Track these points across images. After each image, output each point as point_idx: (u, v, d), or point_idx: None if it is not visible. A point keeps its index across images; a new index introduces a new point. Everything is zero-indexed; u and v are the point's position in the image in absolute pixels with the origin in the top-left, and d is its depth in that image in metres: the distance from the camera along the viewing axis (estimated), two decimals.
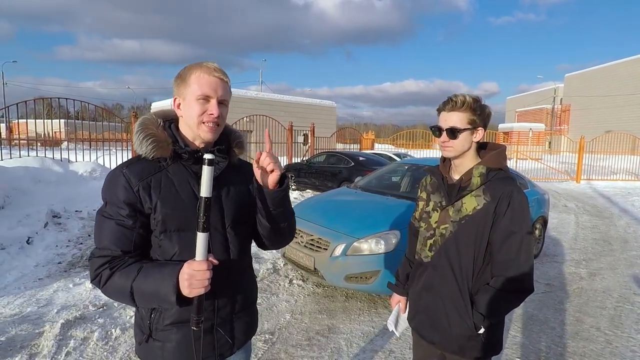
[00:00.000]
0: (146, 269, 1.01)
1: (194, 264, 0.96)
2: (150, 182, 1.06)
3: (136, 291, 0.99)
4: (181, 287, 0.96)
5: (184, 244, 1.07)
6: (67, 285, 3.63)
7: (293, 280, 4.00)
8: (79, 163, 7.17)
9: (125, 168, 1.07)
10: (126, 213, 1.04)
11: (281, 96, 19.83)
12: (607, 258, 5.13)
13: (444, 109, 1.37)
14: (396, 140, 19.30)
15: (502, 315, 1.40)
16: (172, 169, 1.10)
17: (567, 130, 31.01)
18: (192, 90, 1.06)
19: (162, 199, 1.06)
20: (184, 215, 1.07)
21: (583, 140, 14.93)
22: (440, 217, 1.43)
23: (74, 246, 4.78)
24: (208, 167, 0.95)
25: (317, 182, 9.90)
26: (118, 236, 1.03)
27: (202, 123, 1.08)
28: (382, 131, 73.17)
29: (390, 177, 5.41)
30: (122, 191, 1.04)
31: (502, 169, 1.38)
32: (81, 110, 7.12)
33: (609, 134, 17.74)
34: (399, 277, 1.67)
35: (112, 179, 1.07)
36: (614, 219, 7.91)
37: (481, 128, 1.36)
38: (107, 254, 1.03)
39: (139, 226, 1.05)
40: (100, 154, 8.83)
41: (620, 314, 3.41)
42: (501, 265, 1.32)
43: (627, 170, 15.27)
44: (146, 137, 1.08)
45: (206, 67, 1.08)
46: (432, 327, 1.46)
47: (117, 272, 1.01)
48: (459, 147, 1.36)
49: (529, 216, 1.35)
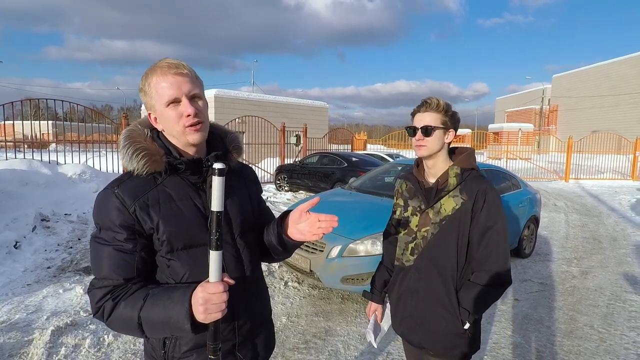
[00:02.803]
0: (153, 296, 0.92)
1: (208, 286, 0.86)
2: (147, 201, 0.97)
3: (145, 321, 0.90)
4: (195, 313, 0.86)
5: (194, 263, 0.99)
6: (56, 291, 3.55)
7: (288, 282, 3.97)
8: (68, 165, 7.03)
9: (117, 188, 0.97)
10: (124, 237, 0.95)
11: (273, 97, 19.76)
12: (598, 256, 5.21)
13: (419, 111, 1.45)
14: (388, 141, 19.41)
15: (486, 309, 1.46)
16: (169, 182, 1.01)
17: (555, 130, 31.51)
18: (156, 100, 0.97)
19: (164, 217, 0.97)
20: (190, 231, 0.99)
21: (571, 140, 15.18)
22: (420, 221, 1.47)
23: (63, 250, 4.68)
24: (218, 177, 0.84)
25: (310, 183, 9.88)
26: (118, 263, 0.94)
27: (185, 128, 0.98)
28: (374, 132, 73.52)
29: (384, 177, 5.41)
30: (116, 213, 0.95)
31: (474, 169, 1.46)
32: (70, 111, 6.95)
33: (596, 134, 18.07)
34: (376, 285, 1.68)
35: (103, 201, 0.97)
36: (602, 217, 8.05)
37: (452, 130, 1.44)
38: (108, 283, 0.94)
39: (140, 249, 0.97)
40: (90, 156, 8.67)
41: (613, 312, 3.46)
42: (480, 261, 1.39)
43: (613, 169, 15.60)
44: (136, 152, 0.98)
45: (159, 68, 0.97)
46: (420, 330, 1.47)
47: (122, 302, 0.92)
48: (433, 145, 1.41)
49: (503, 211, 1.42)
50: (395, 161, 6.42)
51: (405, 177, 1.61)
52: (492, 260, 1.37)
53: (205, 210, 1.02)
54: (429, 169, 1.50)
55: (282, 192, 10.42)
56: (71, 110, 7.91)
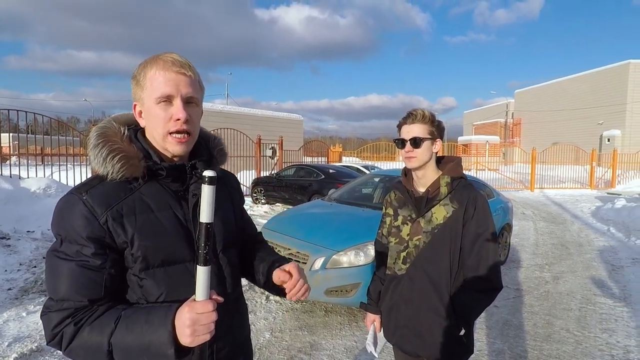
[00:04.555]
0: (127, 318, 0.79)
1: (196, 305, 0.75)
2: (121, 210, 0.84)
3: (117, 348, 0.77)
4: (180, 336, 0.75)
5: (171, 282, 0.88)
6: (19, 314, 3.29)
7: (270, 296, 3.88)
8: (31, 179, 6.63)
9: (85, 194, 0.83)
10: (91, 252, 0.81)
11: (248, 109, 19.65)
12: (567, 261, 5.45)
13: (406, 123, 1.45)
14: (362, 153, 19.69)
15: (479, 314, 1.48)
16: (146, 189, 0.89)
17: (519, 142, 33.07)
18: (148, 93, 0.86)
19: (140, 230, 0.85)
20: (169, 246, 0.88)
21: (535, 151, 15.98)
22: (412, 230, 1.48)
23: (26, 270, 4.37)
24: (209, 186, 0.75)
25: (287, 195, 9.81)
26: (82, 282, 0.80)
27: (169, 134, 0.87)
28: (348, 144, 74.35)
29: (363, 189, 5.46)
30: (84, 224, 0.81)
31: (463, 177, 1.49)
32: (33, 123, 6.52)
33: (556, 145, 19.12)
34: (372, 295, 1.67)
35: (67, 209, 0.83)
36: (567, 224, 8.46)
37: (439, 140, 1.47)
38: (69, 305, 0.80)
39: (110, 266, 0.83)
40: (55, 169, 8.22)
41: (585, 315, 3.60)
42: (472, 267, 1.40)
43: (573, 179, 16.53)
44: (111, 153, 0.85)
45: (162, 61, 0.87)
46: (415, 339, 1.47)
47: (86, 327, 0.78)
48: (422, 156, 1.43)
49: (492, 218, 1.46)
50: (373, 172, 6.51)
51: (395, 187, 1.61)
52: (484, 266, 1.39)
53: (187, 222, 0.91)
54: (418, 178, 1.51)
55: (258, 205, 10.29)
56: (35, 122, 7.51)
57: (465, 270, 1.43)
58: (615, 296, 4.08)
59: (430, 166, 1.47)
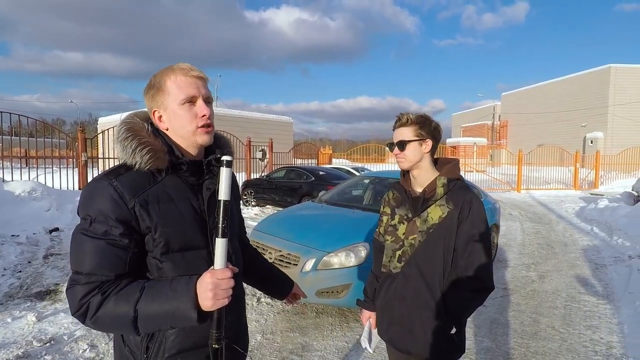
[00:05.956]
0: (150, 287, 0.89)
1: (217, 272, 0.86)
2: (147, 198, 0.94)
3: (142, 315, 0.86)
4: (202, 300, 0.85)
5: (187, 266, 0.98)
6: (4, 320, 3.22)
7: (261, 298, 3.87)
8: (15, 182, 6.48)
9: (115, 180, 0.93)
10: (119, 232, 0.90)
11: (238, 111, 19.58)
12: (552, 261, 5.57)
13: (394, 127, 1.54)
14: (351, 155, 19.77)
15: (470, 313, 1.51)
16: (168, 181, 0.99)
17: (506, 144, 33.63)
18: (173, 97, 0.98)
19: (163, 217, 0.95)
20: (187, 234, 0.98)
21: (521, 153, 16.29)
22: (408, 229, 1.51)
23: (10, 275, 4.28)
24: (227, 168, 0.91)
25: (277, 197, 9.80)
26: (110, 258, 0.89)
27: (198, 128, 0.99)
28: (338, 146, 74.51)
29: (353, 190, 5.49)
30: (113, 206, 0.90)
31: (459, 179, 1.52)
32: (18, 124, 6.35)
33: (542, 147, 19.52)
34: (367, 293, 1.71)
35: (98, 192, 0.92)
36: (552, 224, 8.64)
37: (429, 139, 1.49)
38: (96, 279, 0.88)
39: (134, 246, 0.92)
40: (40, 172, 8.06)
41: (570, 313, 3.69)
42: (465, 267, 1.43)
43: (558, 180, 16.89)
44: (140, 145, 0.95)
45: (180, 69, 1.00)
46: (407, 337, 1.49)
47: (112, 297, 0.87)
48: (410, 157, 1.48)
49: (487, 220, 1.49)
50: (363, 174, 6.55)
51: (393, 187, 1.65)
52: (476, 267, 1.42)
53: (202, 212, 1.02)
54: (414, 178, 1.55)
55: (249, 207, 10.24)
56: (19, 124, 7.36)
57: (458, 270, 1.45)
58: (598, 294, 4.19)
59: (423, 166, 1.50)
